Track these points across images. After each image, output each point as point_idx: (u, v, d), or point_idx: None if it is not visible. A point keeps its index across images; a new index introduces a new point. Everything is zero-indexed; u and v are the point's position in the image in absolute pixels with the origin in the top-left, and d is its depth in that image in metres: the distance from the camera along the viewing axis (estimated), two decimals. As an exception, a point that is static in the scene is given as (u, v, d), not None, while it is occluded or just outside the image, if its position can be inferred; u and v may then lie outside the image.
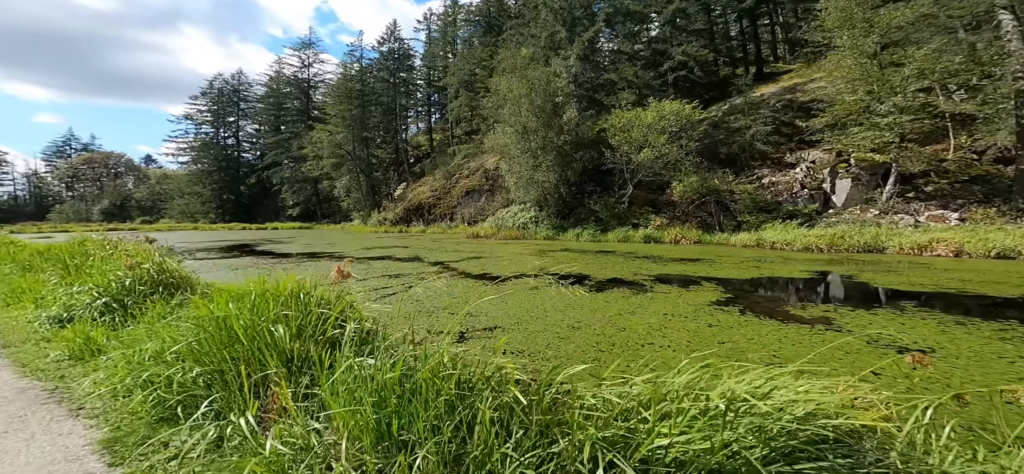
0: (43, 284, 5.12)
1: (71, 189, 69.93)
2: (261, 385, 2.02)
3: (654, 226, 15.65)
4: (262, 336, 2.14)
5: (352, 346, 2.04)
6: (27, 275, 6.31)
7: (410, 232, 30.90)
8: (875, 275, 7.10)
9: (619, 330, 4.03)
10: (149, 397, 2.09)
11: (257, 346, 2.11)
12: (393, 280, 7.89)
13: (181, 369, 2.13)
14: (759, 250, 11.17)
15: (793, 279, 7.02)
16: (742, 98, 18.62)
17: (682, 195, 16.04)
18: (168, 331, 2.51)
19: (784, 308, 5.03)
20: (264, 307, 2.33)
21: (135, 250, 5.39)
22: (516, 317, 4.73)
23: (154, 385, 2.12)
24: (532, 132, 18.93)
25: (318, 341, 2.14)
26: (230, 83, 62.03)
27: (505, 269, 9.17)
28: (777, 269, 7.95)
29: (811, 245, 10.51)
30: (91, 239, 6.55)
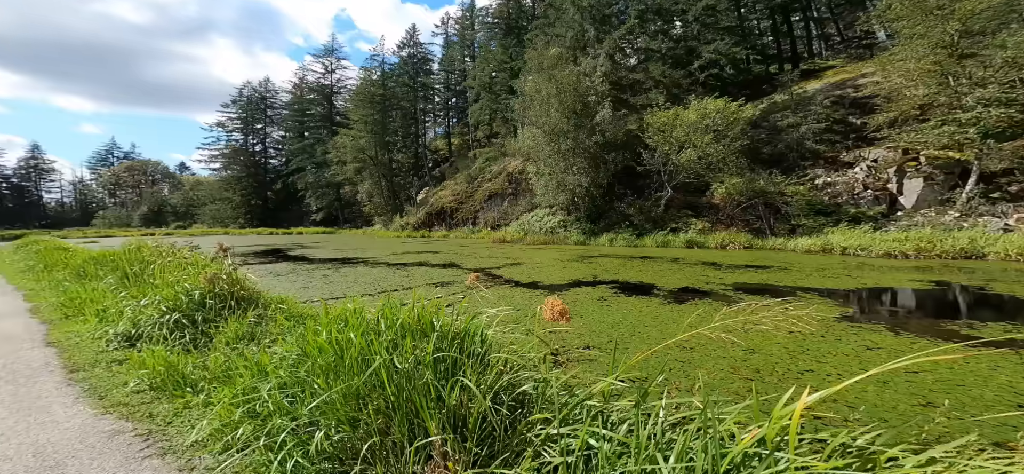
0: (103, 294, 4.95)
1: (113, 196, 73.92)
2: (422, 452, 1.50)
3: (696, 230, 14.78)
4: (413, 383, 1.68)
5: (543, 405, 1.54)
6: (83, 283, 6.24)
7: (433, 237, 30.80)
8: (1014, 286, 6.10)
9: (748, 352, 3.40)
10: (280, 463, 1.65)
11: (405, 398, 1.65)
12: (440, 289, 7.48)
13: (309, 417, 1.65)
14: (828, 256, 10.18)
15: (906, 290, 6.09)
16: (785, 95, 17.53)
17: (725, 197, 15.11)
18: (274, 370, 2.04)
19: (943, 326, 4.14)
20: (398, 339, 1.88)
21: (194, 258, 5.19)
22: (606, 333, 4.18)
23: (281, 443, 1.67)
24: (562, 134, 18.39)
25: (495, 395, 1.62)
26: (258, 91, 64.26)
27: (553, 276, 8.62)
28: (880, 278, 6.99)
29: (893, 250, 9.49)
30: (146, 245, 6.44)
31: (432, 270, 10.05)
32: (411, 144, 49.53)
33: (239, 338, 2.92)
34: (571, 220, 19.96)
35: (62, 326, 4.16)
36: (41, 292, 6.46)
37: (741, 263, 9.61)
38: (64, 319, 4.45)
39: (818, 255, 10.39)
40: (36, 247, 12.71)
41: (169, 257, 5.44)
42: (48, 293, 6.18)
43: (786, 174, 15.03)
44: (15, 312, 5.12)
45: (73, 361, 3.01)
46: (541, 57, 20.02)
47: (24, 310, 5.24)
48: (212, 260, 4.84)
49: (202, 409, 2.06)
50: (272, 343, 2.77)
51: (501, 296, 6.46)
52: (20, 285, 7.58)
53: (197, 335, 3.21)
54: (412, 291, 7.55)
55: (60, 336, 3.78)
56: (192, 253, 5.70)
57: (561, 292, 6.74)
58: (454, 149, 50.15)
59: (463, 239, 27.15)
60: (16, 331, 4.15)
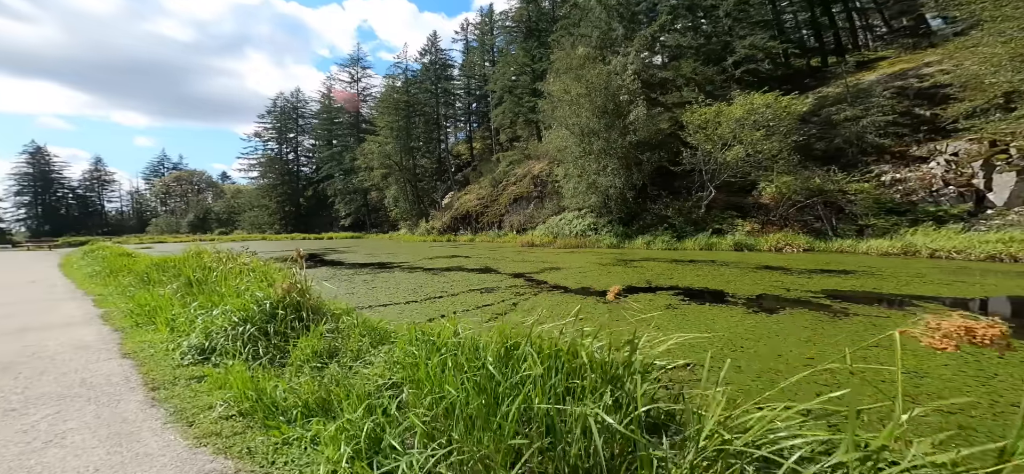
0: (169, 301, 4.94)
1: (164, 204, 79.63)
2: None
3: (743, 232, 13.77)
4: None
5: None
6: (149, 289, 6.34)
7: (459, 241, 30.83)
8: None
9: (917, 378, 2.75)
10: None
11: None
12: (487, 295, 7.11)
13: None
14: (914, 260, 8.99)
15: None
16: (839, 86, 16.15)
17: (776, 197, 13.99)
18: (392, 420, 1.63)
19: None
20: (557, 378, 1.49)
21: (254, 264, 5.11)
22: (699, 346, 3.68)
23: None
24: (593, 134, 17.80)
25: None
26: (290, 101, 67.46)
27: (602, 281, 8.07)
28: (1006, 285, 6.00)
29: (998, 253, 8.28)
30: (206, 251, 6.51)
31: (470, 275, 9.75)
32: (434, 149, 50.24)
33: (317, 354, 2.67)
34: (602, 223, 19.26)
35: (134, 335, 4.10)
36: (110, 298, 6.63)
37: (811, 267, 8.67)
38: (135, 327, 4.42)
39: (900, 258, 9.22)
40: (102, 253, 13.47)
41: (229, 263, 5.39)
42: (116, 299, 6.31)
43: (846, 171, 13.74)
44: (87, 319, 5.19)
45: (152, 376, 2.81)
46: (569, 57, 19.55)
47: (96, 317, 5.31)
48: (286, 267, 4.72)
49: (307, 447, 1.75)
50: (354, 362, 2.49)
51: (557, 304, 6.00)
52: (89, 290, 7.87)
53: (270, 349, 3.00)
54: (458, 297, 7.22)
55: (134, 346, 3.68)
56: (251, 259, 5.65)
57: (620, 300, 6.22)
58: (476, 153, 50.40)
59: (489, 243, 26.97)
60: (90, 339, 4.11)
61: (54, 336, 4.23)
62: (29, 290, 8.16)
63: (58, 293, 7.67)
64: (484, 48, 50.69)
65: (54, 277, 10.84)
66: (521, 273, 9.82)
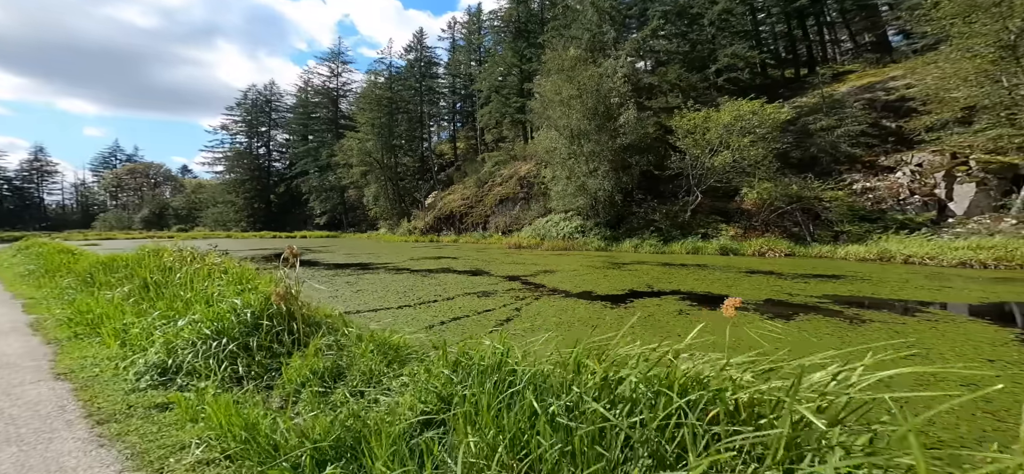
0: (119, 308, 4.19)
1: (115, 198, 72.97)
2: None
3: (727, 236, 14.11)
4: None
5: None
6: (94, 293, 5.46)
7: (442, 241, 30.09)
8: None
9: (992, 401, 2.55)
10: None
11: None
12: (484, 299, 6.72)
13: None
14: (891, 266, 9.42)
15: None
16: (814, 97, 17.00)
17: (757, 203, 14.47)
18: None
19: None
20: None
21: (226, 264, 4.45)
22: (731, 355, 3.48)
23: None
24: (583, 136, 17.79)
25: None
26: (263, 94, 63.84)
27: (601, 285, 7.87)
28: (994, 291, 6.23)
29: (968, 260, 8.81)
30: (166, 249, 5.68)
31: (462, 278, 9.29)
32: (417, 148, 49.04)
33: (316, 376, 2.19)
34: (589, 225, 19.28)
35: (73, 349, 3.39)
36: (43, 302, 5.67)
37: (800, 272, 8.90)
38: (74, 338, 3.68)
39: (877, 264, 9.68)
40: (37, 250, 11.84)
41: (195, 263, 4.69)
42: (52, 304, 5.40)
43: (821, 179, 14.42)
44: (12, 328, 4.31)
45: (98, 404, 2.23)
46: (560, 58, 19.47)
47: (24, 325, 4.45)
48: (270, 269, 4.11)
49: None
50: (368, 386, 2.03)
51: (562, 309, 5.71)
52: (19, 292, 6.78)
53: (254, 368, 2.47)
54: (454, 301, 6.75)
55: (72, 363, 3.01)
56: (222, 258, 4.97)
57: (626, 304, 6.00)
58: (459, 153, 49.63)
59: (474, 244, 26.47)
60: (14, 353, 3.34)
61: None
62: (-56, 293, 6.94)
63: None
64: (471, 47, 50.08)
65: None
66: (515, 276, 9.48)
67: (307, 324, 2.75)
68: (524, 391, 1.26)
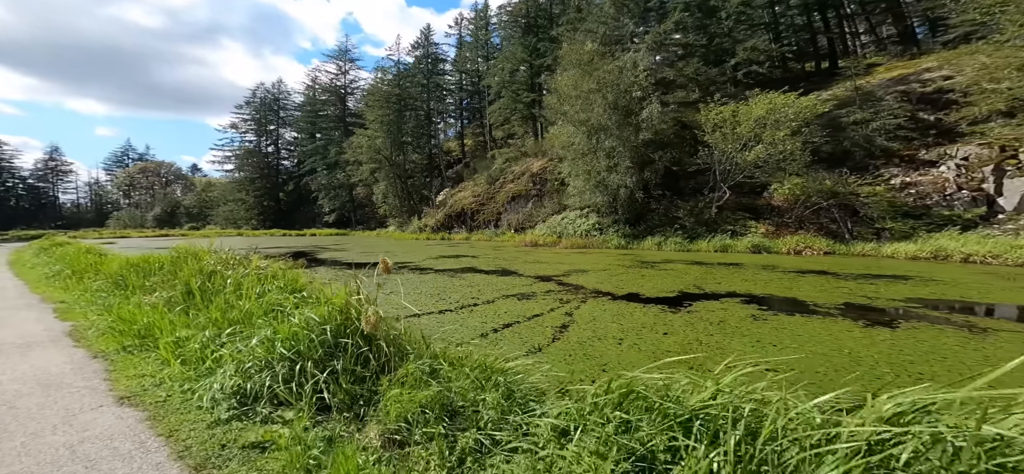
0: (163, 316, 3.94)
1: (128, 196, 73.91)
2: None
3: (758, 234, 13.64)
4: None
5: None
6: (128, 297, 5.25)
7: (453, 239, 29.87)
8: None
9: None
10: None
11: None
12: (525, 302, 6.39)
13: None
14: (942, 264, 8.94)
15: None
16: (845, 89, 16.35)
17: (788, 199, 13.96)
18: None
19: None
20: None
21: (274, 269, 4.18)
22: (864, 376, 3.08)
23: None
24: (603, 130, 17.34)
25: None
26: (271, 92, 64.04)
27: (644, 286, 7.44)
28: None
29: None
30: (205, 250, 5.44)
31: (491, 278, 8.98)
32: (425, 145, 48.84)
33: (425, 409, 1.88)
34: (607, 223, 18.87)
35: (125, 365, 3.12)
36: (77, 307, 5.44)
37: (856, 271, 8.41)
38: (123, 353, 3.43)
39: (933, 263, 9.18)
40: (61, 250, 11.70)
41: (239, 268, 4.43)
42: (87, 309, 5.17)
43: (856, 174, 13.86)
44: (50, 337, 3.98)
45: (181, 440, 1.94)
46: (577, 52, 19.00)
47: (61, 334, 4.20)
48: (354, 279, 3.83)
49: None
50: (499, 429, 1.69)
51: (618, 315, 5.35)
52: (47, 295, 6.57)
53: (339, 395, 2.18)
54: (494, 305, 6.40)
55: (131, 384, 2.72)
56: (268, 264, 4.72)
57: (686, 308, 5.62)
58: (467, 150, 49.33)
59: (487, 242, 26.19)
60: (60, 370, 2.99)
61: (9, 364, 3.22)
62: (-28, 296, 6.80)
63: (8, 298, 6.39)
64: (479, 43, 49.56)
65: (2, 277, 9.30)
66: (546, 276, 9.15)
67: (389, 344, 2.45)
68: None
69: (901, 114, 13.97)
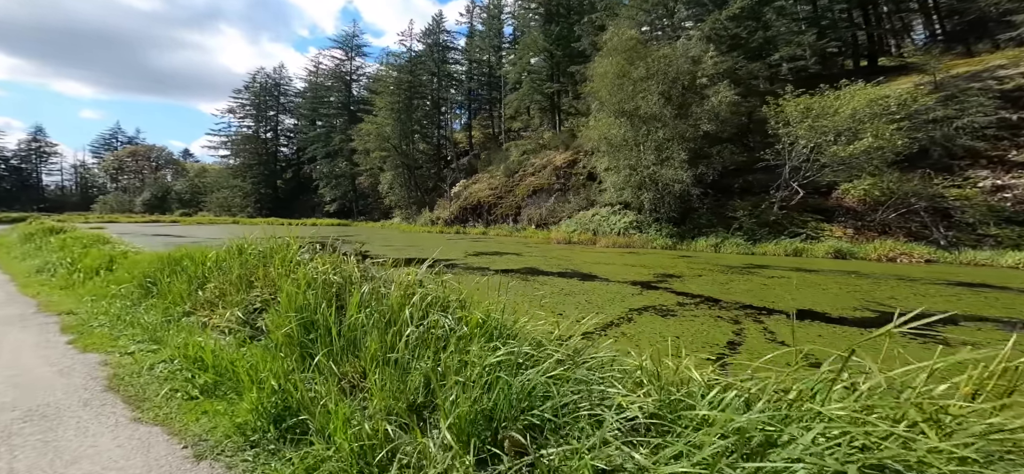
0: (270, 356, 2.50)
1: (115, 181, 70.84)
2: None
3: (836, 237, 12.47)
4: None
5: None
6: (167, 310, 3.73)
7: (470, 233, 28.45)
8: None
9: None
10: None
11: None
12: (676, 323, 4.96)
13: None
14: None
15: None
16: (914, 82, 15.21)
17: (864, 200, 12.82)
18: None
19: None
20: None
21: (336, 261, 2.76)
22: None
23: None
24: (655, 121, 16.03)
25: None
26: (272, 77, 61.64)
27: (820, 303, 5.73)
28: None
29: None
30: (280, 247, 3.94)
31: (576, 284, 7.50)
32: (433, 135, 47.18)
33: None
34: (648, 221, 17.64)
35: (255, 465, 1.75)
36: (96, 325, 3.66)
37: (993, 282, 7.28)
38: (240, 442, 1.90)
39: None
40: (55, 239, 9.09)
41: (352, 274, 3.03)
42: (114, 330, 3.51)
43: (940, 174, 12.75)
44: (88, 388, 2.41)
45: None
46: (622, 36, 17.62)
47: (100, 381, 2.51)
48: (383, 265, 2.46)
49: None
50: None
51: (827, 339, 4.03)
52: (43, 299, 4.85)
53: None
54: (636, 325, 4.66)
55: None
56: (330, 256, 3.34)
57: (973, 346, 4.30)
58: (475, 142, 47.79)
59: (508, 237, 24.80)
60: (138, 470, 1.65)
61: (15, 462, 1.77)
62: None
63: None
64: (491, 32, 47.82)
65: (-22, 268, 7.69)
66: (639, 281, 7.77)
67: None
68: None
69: (991, 112, 12.87)
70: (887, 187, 12.24)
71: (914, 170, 13.15)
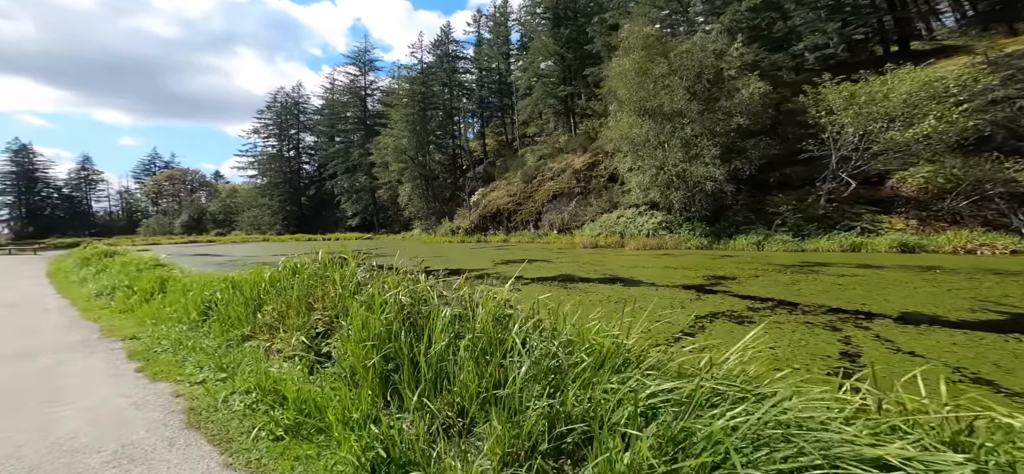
0: (358, 399, 2.24)
1: (156, 204, 75.16)
2: None
3: (895, 229, 11.44)
4: None
5: None
6: (227, 334, 3.57)
7: (491, 241, 28.20)
8: None
9: None
10: None
11: None
12: (740, 327, 4.54)
13: None
14: None
15: None
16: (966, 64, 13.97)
17: (926, 187, 11.72)
18: None
19: None
20: None
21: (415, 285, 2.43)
22: None
23: None
24: (681, 117, 15.38)
25: None
26: (291, 97, 64.03)
27: (937, 306, 4.90)
28: None
29: None
30: (336, 267, 3.74)
31: (623, 291, 7.07)
32: (448, 144, 47.58)
33: None
34: (678, 220, 16.87)
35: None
36: (160, 351, 3.55)
37: None
38: (296, 465, 1.70)
39: None
40: (113, 264, 9.38)
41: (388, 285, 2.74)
42: (178, 355, 3.52)
43: (1009, 158, 11.55)
44: (166, 424, 2.25)
45: None
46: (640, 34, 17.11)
47: (178, 415, 2.36)
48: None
49: None
50: None
51: (974, 360, 3.41)
52: (105, 324, 4.87)
53: None
54: (711, 334, 3.86)
55: None
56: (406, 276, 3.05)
57: None
58: (488, 150, 47.88)
59: (531, 244, 24.38)
60: None
61: None
62: (6, 319, 5.33)
63: (53, 326, 4.85)
64: (499, 40, 48.05)
65: (43, 293, 7.92)
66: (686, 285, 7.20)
67: None
68: None
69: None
70: (951, 173, 11.16)
71: (978, 154, 11.97)
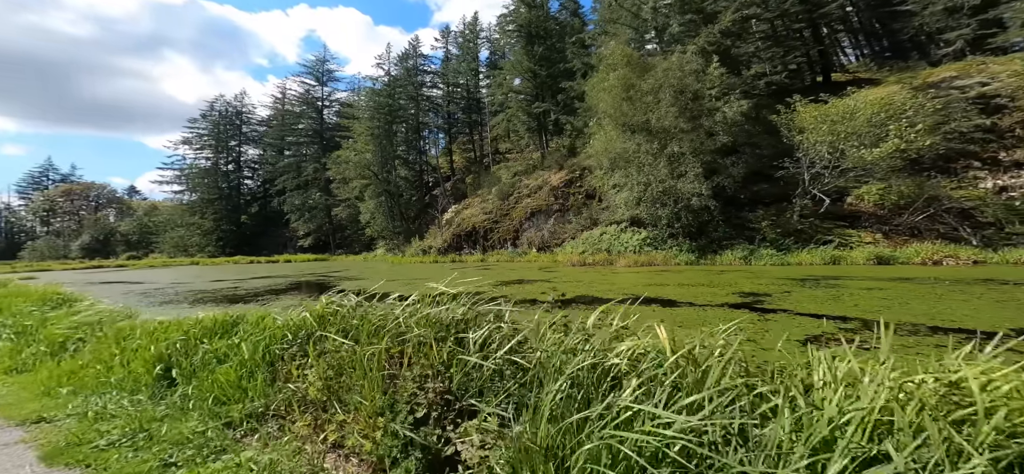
0: None
1: (46, 224, 61.32)
2: None
3: (865, 242, 12.27)
4: None
5: None
6: (218, 411, 1.91)
7: (467, 261, 26.54)
8: None
9: None
10: None
11: None
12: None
13: None
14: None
15: None
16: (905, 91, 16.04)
17: (882, 204, 12.85)
18: None
19: None
20: None
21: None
22: None
23: None
24: (667, 135, 15.59)
25: None
26: (233, 106, 57.10)
27: (976, 318, 4.62)
28: None
29: None
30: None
31: (662, 309, 6.20)
32: (415, 160, 45.30)
33: None
34: (663, 236, 17.01)
35: None
36: (99, 443, 1.75)
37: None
38: None
39: None
40: (65, 315, 5.24)
41: None
42: (139, 451, 1.71)
43: (943, 177, 13.12)
44: None
45: None
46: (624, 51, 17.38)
47: None
48: None
49: None
50: None
51: None
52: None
53: None
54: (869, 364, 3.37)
55: None
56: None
57: None
58: (456, 166, 46.51)
59: (510, 263, 23.23)
60: None
61: None
62: None
63: None
64: (469, 56, 47.56)
65: None
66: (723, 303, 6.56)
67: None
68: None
69: (973, 116, 13.55)
70: (901, 190, 12.30)
71: (918, 174, 13.45)
